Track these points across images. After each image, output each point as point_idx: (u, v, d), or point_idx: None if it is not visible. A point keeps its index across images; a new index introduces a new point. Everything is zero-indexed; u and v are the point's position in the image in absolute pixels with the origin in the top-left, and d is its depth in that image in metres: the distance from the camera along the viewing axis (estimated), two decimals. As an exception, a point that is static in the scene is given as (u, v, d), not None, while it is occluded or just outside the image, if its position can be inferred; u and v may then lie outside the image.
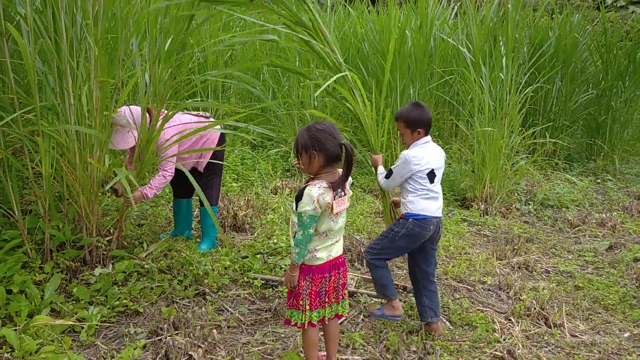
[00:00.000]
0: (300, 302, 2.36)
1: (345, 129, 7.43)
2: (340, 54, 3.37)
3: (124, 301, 3.04)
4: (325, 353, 2.60)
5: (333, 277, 2.40)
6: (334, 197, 2.26)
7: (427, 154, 2.89)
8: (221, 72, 3.47)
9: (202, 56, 6.53)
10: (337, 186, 2.28)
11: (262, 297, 3.39)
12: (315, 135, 2.26)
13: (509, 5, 5.47)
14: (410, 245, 2.93)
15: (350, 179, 2.42)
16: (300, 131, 2.35)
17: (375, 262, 2.94)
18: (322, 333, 2.61)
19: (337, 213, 2.31)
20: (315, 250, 2.35)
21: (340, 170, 2.36)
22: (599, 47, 7.62)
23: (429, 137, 2.96)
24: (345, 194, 2.35)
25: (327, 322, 2.47)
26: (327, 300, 2.40)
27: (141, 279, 3.35)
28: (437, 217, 2.91)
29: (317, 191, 2.23)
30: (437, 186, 2.96)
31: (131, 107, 3.51)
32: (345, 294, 2.49)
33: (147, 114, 3.48)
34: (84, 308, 2.95)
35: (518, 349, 2.84)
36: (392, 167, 2.98)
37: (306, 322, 2.36)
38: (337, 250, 2.42)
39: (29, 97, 3.27)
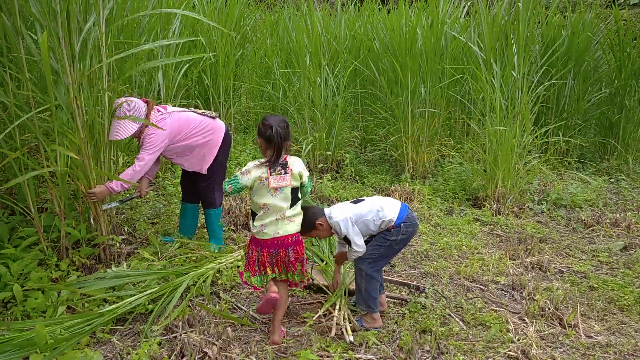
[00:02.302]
0: (255, 268, 2.78)
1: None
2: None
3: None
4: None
5: (281, 254, 2.75)
6: (271, 173, 2.71)
7: (337, 206, 3.06)
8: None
9: (213, 55, 6.54)
10: (272, 164, 2.72)
11: (275, 295, 3.40)
12: (260, 124, 2.77)
13: (520, 4, 5.43)
14: (404, 245, 3.11)
15: (302, 171, 2.83)
16: None
17: (373, 273, 2.99)
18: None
19: (275, 188, 2.71)
20: (263, 226, 2.73)
21: (292, 157, 2.83)
22: (612, 46, 7.55)
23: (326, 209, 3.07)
24: (287, 173, 2.74)
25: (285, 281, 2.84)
26: (275, 269, 2.78)
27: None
28: (408, 209, 3.04)
29: (252, 164, 2.77)
30: (368, 198, 3.12)
31: (129, 98, 3.52)
32: (297, 267, 2.81)
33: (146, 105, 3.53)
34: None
35: (532, 350, 2.83)
36: (345, 236, 2.96)
37: (262, 284, 2.79)
38: (286, 229, 2.74)
39: (44, 95, 3.29)
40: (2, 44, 3.25)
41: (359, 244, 2.93)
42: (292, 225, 2.80)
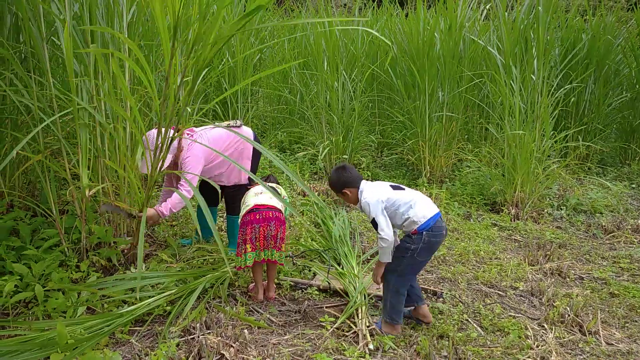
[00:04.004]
0: (240, 249, 3.18)
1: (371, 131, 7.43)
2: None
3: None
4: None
5: (262, 229, 3.13)
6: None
7: (373, 185, 2.98)
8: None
9: (232, 60, 6.60)
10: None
11: (291, 298, 3.41)
12: None
13: (540, 7, 5.39)
14: (430, 255, 2.96)
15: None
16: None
17: (400, 288, 2.92)
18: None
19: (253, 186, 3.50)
20: (246, 202, 3.27)
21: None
22: (634, 49, 7.44)
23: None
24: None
25: (257, 261, 3.19)
26: (258, 245, 3.14)
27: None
28: (440, 218, 2.92)
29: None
30: (408, 190, 2.99)
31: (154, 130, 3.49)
32: (278, 245, 3.19)
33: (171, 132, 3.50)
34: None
35: (552, 356, 2.79)
36: (372, 219, 2.89)
37: (247, 263, 3.15)
38: (269, 201, 3.22)
39: (67, 99, 3.35)
40: (27, 49, 3.32)
41: (385, 231, 2.78)
42: (273, 200, 3.23)
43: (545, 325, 3.17)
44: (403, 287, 2.93)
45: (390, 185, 2.98)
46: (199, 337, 2.72)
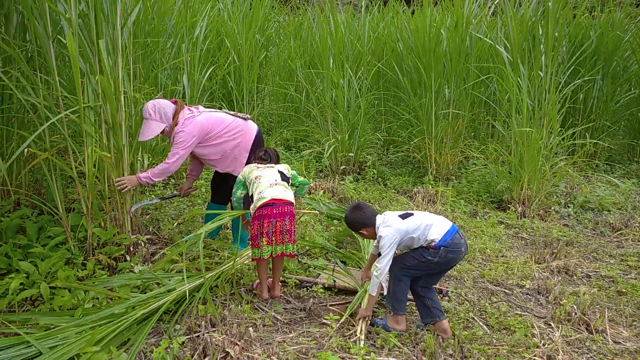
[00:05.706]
0: (257, 241, 3.13)
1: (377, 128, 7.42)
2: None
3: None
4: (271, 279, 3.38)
5: (279, 224, 3.11)
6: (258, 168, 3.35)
7: (387, 221, 2.94)
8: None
9: (238, 57, 6.60)
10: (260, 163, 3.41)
11: (296, 296, 3.41)
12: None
13: (549, 3, 5.35)
14: (444, 268, 3.00)
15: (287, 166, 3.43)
16: None
17: (402, 277, 2.93)
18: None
19: (263, 167, 3.33)
20: (261, 192, 3.15)
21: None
22: (643, 45, 7.38)
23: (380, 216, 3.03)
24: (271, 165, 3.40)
25: (273, 256, 3.17)
26: (273, 239, 3.11)
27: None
28: (457, 232, 2.91)
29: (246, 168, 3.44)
30: (417, 213, 3.00)
31: (156, 100, 3.57)
32: (293, 239, 3.18)
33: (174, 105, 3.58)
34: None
35: (559, 355, 2.77)
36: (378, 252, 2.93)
37: (264, 256, 3.12)
38: (284, 195, 3.16)
39: (72, 97, 3.36)
40: (34, 48, 3.34)
41: (383, 264, 2.84)
42: (287, 194, 3.20)
43: (552, 324, 3.15)
44: (405, 277, 2.94)
45: (399, 215, 2.97)
46: (204, 335, 2.72)
